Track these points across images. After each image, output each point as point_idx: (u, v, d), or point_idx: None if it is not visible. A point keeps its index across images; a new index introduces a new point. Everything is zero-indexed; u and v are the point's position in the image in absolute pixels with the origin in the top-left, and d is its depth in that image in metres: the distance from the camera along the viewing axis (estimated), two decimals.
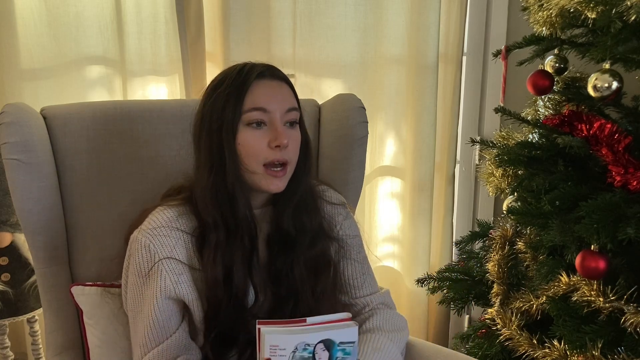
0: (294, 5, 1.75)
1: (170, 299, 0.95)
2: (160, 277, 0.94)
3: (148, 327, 0.94)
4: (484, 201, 2.05)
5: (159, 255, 0.94)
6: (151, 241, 0.94)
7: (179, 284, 0.95)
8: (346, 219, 1.11)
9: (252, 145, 0.93)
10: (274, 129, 0.93)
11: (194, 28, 1.70)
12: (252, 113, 0.93)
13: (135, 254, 0.95)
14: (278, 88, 0.97)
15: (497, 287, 1.40)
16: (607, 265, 1.13)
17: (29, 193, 1.10)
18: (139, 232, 0.96)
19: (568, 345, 1.17)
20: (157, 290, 0.94)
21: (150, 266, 0.94)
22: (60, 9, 1.58)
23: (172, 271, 0.94)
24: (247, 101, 0.93)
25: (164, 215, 0.97)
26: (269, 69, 0.97)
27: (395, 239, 2.07)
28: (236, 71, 0.96)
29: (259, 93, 0.94)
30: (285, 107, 0.95)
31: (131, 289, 0.97)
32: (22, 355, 1.83)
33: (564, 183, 1.22)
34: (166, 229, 0.96)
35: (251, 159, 0.94)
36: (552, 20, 1.30)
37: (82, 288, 1.16)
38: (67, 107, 1.23)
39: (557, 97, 1.42)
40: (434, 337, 2.14)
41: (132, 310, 0.98)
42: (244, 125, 0.94)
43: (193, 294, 0.96)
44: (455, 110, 1.99)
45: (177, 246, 0.95)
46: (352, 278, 1.09)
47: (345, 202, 1.15)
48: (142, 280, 0.95)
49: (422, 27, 1.83)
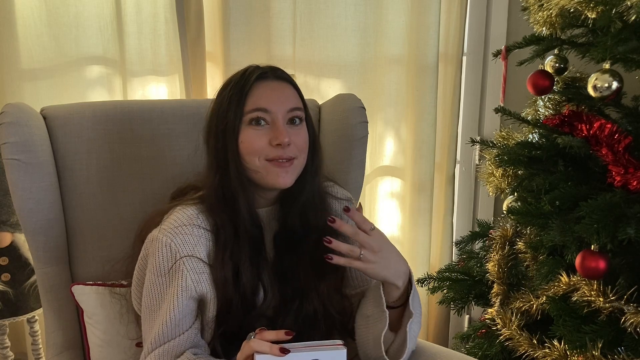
0: (294, 5, 1.75)
1: (190, 298, 0.95)
2: (182, 276, 0.93)
3: (164, 324, 0.94)
4: (484, 201, 2.05)
5: (180, 253, 0.94)
6: (172, 240, 0.94)
7: (200, 283, 0.95)
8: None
9: (253, 142, 0.94)
10: (275, 127, 0.94)
11: (194, 28, 1.70)
12: (253, 113, 0.94)
13: (156, 252, 0.95)
14: (280, 89, 0.97)
15: (497, 287, 1.40)
16: (607, 265, 1.13)
17: (29, 193, 1.10)
18: (159, 232, 0.96)
19: (568, 345, 1.17)
20: (178, 289, 0.94)
21: (171, 264, 0.94)
22: (60, 9, 1.58)
23: (193, 270, 0.94)
24: (249, 102, 0.94)
25: (184, 214, 0.97)
26: (271, 69, 0.98)
27: (395, 239, 2.06)
28: (240, 74, 0.97)
29: (260, 94, 0.95)
30: (287, 106, 0.95)
31: (148, 288, 0.97)
32: (22, 355, 1.83)
33: (564, 183, 1.22)
34: (188, 227, 0.95)
35: (252, 157, 0.94)
36: (552, 20, 1.30)
37: (82, 287, 1.16)
38: (67, 107, 1.23)
39: (557, 97, 1.42)
40: (434, 337, 2.14)
41: (147, 308, 0.98)
42: (246, 124, 0.94)
43: (212, 292, 0.96)
44: (455, 110, 1.99)
45: (198, 244, 0.95)
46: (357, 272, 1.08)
47: (352, 197, 1.16)
48: (162, 279, 0.95)
49: (422, 27, 1.83)
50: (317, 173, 1.03)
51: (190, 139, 1.22)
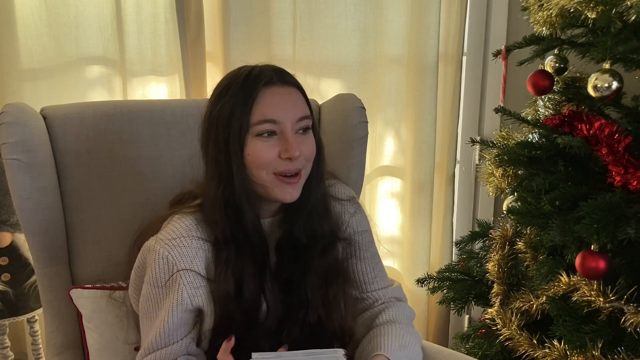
0: (294, 5, 1.75)
1: (185, 311, 0.93)
2: (178, 290, 0.91)
3: (158, 333, 0.93)
4: (484, 201, 2.05)
5: (178, 266, 0.91)
6: (170, 252, 0.91)
7: (196, 297, 0.92)
8: (354, 215, 1.08)
9: (261, 156, 0.89)
10: (285, 139, 0.89)
11: (194, 28, 1.70)
12: (261, 125, 0.88)
13: (153, 264, 0.92)
14: (288, 95, 0.91)
15: (497, 287, 1.40)
16: (607, 265, 1.13)
17: (29, 193, 1.10)
18: (156, 242, 0.93)
19: (568, 345, 1.17)
20: (174, 303, 0.91)
21: (168, 277, 0.91)
22: (60, 9, 1.58)
23: (190, 284, 0.91)
24: (255, 112, 0.88)
25: (182, 224, 0.93)
26: (277, 74, 0.92)
27: (395, 239, 2.07)
28: (242, 77, 0.90)
29: (268, 103, 0.89)
30: (296, 116, 0.90)
31: (145, 296, 0.95)
32: (22, 355, 1.83)
33: (564, 183, 1.22)
34: (186, 239, 0.92)
35: (260, 170, 0.90)
36: (552, 20, 1.30)
37: (80, 291, 1.15)
38: (67, 107, 1.23)
39: (557, 97, 1.42)
40: (434, 337, 2.14)
41: (144, 314, 0.96)
42: (253, 136, 0.89)
43: (209, 306, 0.94)
44: (455, 110, 1.99)
45: (196, 257, 0.92)
46: (362, 274, 1.08)
47: (354, 195, 1.12)
48: (158, 290, 0.92)
49: (422, 27, 1.83)
50: (322, 179, 1.00)
51: (190, 139, 1.21)
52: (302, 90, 0.95)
